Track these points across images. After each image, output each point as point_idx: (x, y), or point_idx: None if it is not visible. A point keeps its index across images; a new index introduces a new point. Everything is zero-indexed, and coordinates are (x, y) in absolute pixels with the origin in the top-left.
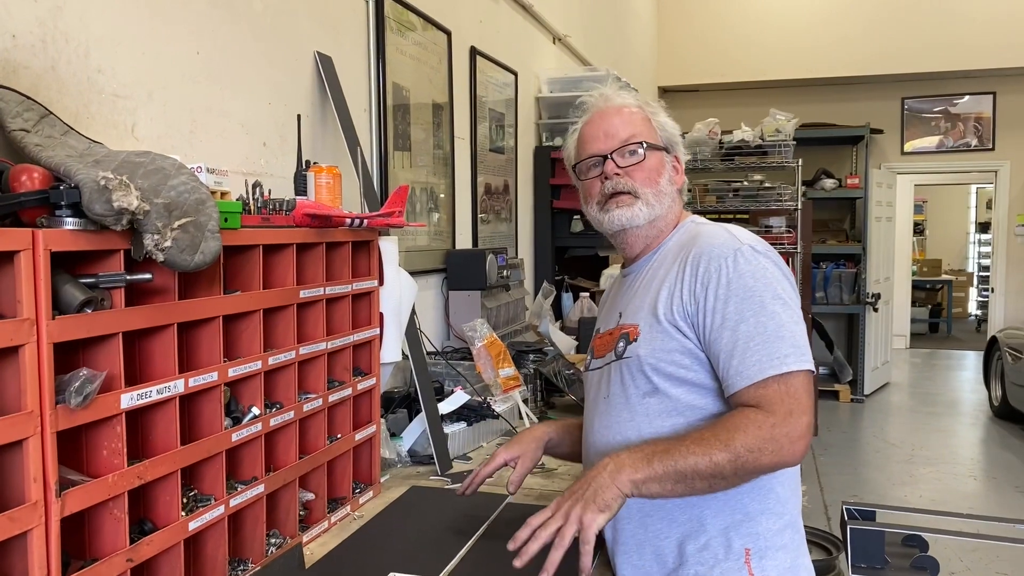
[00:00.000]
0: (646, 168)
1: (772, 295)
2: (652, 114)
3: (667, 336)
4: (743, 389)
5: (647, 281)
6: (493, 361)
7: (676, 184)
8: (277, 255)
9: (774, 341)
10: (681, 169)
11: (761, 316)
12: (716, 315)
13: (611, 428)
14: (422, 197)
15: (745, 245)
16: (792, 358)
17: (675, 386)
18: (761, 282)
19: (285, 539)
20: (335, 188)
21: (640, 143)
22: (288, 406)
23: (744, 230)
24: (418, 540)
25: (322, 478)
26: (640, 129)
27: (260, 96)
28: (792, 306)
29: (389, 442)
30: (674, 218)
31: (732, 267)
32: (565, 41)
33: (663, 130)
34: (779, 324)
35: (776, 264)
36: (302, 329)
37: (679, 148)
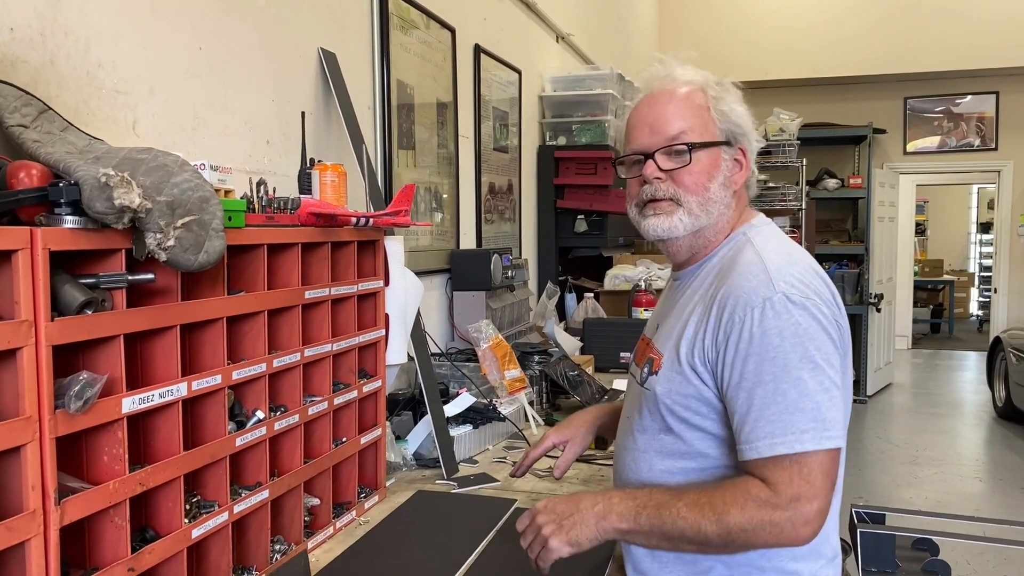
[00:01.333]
0: (693, 172)
1: (800, 356)
2: (715, 99)
3: (685, 380)
4: (751, 461)
5: (685, 300)
6: (499, 362)
7: (735, 185)
8: (282, 255)
9: (792, 412)
10: (747, 163)
11: (782, 382)
12: (734, 371)
13: (630, 450)
14: (426, 197)
15: (778, 294)
16: (810, 435)
17: (688, 430)
18: (789, 341)
19: (290, 546)
20: (340, 187)
21: (687, 144)
22: (293, 409)
23: (789, 263)
24: (425, 546)
25: (327, 483)
26: (693, 122)
27: (263, 93)
28: (825, 369)
29: (394, 445)
30: (727, 225)
31: (758, 320)
32: (568, 40)
33: (725, 119)
34: (802, 392)
35: (815, 316)
36: (307, 331)
37: (746, 138)
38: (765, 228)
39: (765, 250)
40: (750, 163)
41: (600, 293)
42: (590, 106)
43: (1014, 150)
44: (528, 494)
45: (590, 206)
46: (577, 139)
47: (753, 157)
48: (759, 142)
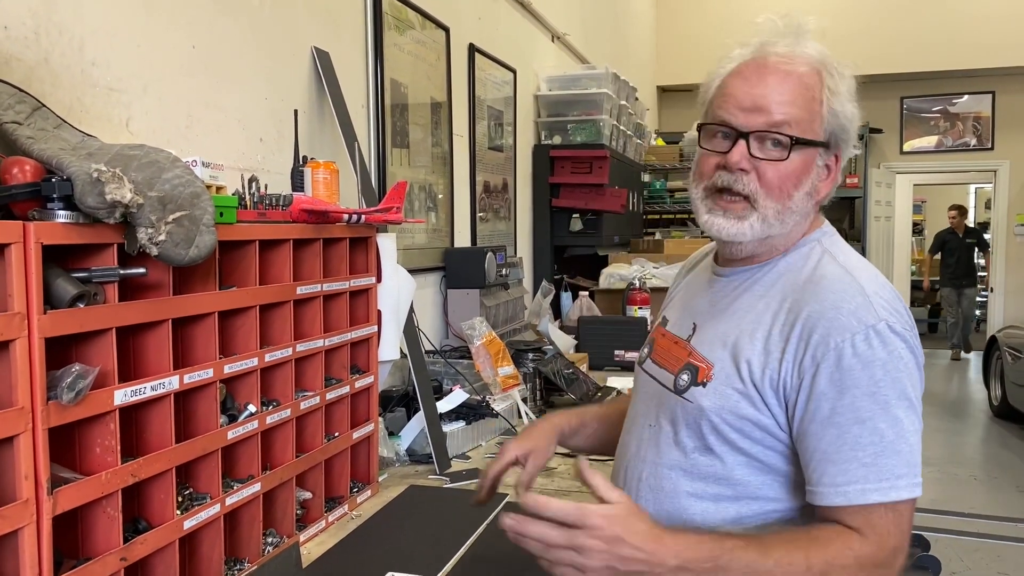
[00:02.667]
0: (783, 172)
1: (899, 394)
2: (831, 93)
3: (744, 400)
4: (836, 507)
5: (740, 306)
6: (492, 360)
7: (818, 195)
8: (274, 251)
9: (889, 456)
10: (836, 172)
11: (880, 420)
12: (823, 404)
13: (648, 463)
14: (420, 195)
15: (882, 322)
16: (905, 481)
17: (732, 454)
18: (892, 375)
19: (282, 538)
20: (332, 184)
21: (790, 137)
22: (285, 404)
23: (881, 285)
24: (417, 539)
25: (319, 477)
26: (801, 113)
27: (257, 91)
28: (918, 409)
29: (387, 441)
30: (800, 233)
31: (861, 350)
32: (564, 39)
33: (834, 119)
34: (899, 434)
35: (913, 350)
36: (299, 326)
37: (847, 143)
38: (838, 238)
39: (851, 265)
40: (839, 172)
41: (595, 291)
42: (585, 105)
43: (1010, 150)
44: None
45: (585, 205)
46: (572, 138)
47: (844, 165)
48: (856, 148)
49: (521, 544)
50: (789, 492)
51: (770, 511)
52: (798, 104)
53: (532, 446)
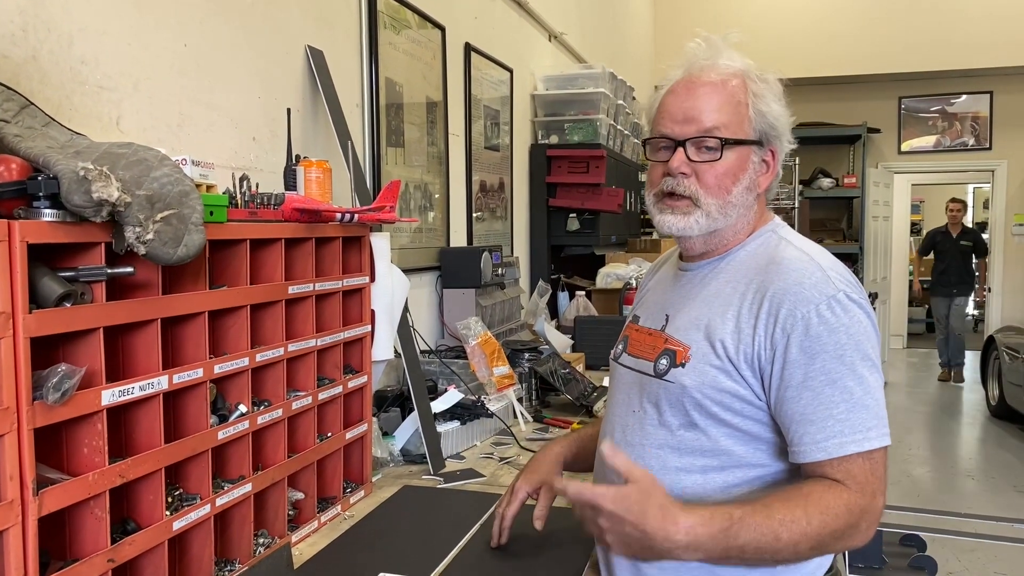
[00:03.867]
0: (718, 172)
1: (863, 355)
2: (755, 96)
3: (723, 375)
4: (819, 462)
5: (708, 292)
6: (487, 359)
7: (758, 188)
8: (265, 250)
9: (859, 410)
10: (774, 166)
11: (848, 379)
12: (796, 370)
13: (633, 446)
14: (416, 194)
15: (840, 291)
16: (875, 432)
17: (716, 426)
18: (855, 338)
19: (273, 539)
20: (325, 183)
21: (720, 139)
22: (276, 404)
23: (834, 262)
24: (410, 540)
25: (312, 477)
26: (729, 118)
27: (250, 90)
28: (878, 368)
29: (381, 441)
30: (747, 226)
31: (827, 317)
32: (561, 39)
33: (761, 118)
34: (865, 390)
35: (869, 315)
36: (291, 326)
37: (779, 139)
38: (789, 228)
39: (806, 248)
40: (777, 166)
41: (592, 291)
42: (582, 105)
43: (1008, 149)
44: None
45: (582, 204)
46: (569, 138)
47: (781, 159)
48: (791, 143)
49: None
50: (772, 457)
51: (756, 477)
52: (725, 110)
53: (541, 479)
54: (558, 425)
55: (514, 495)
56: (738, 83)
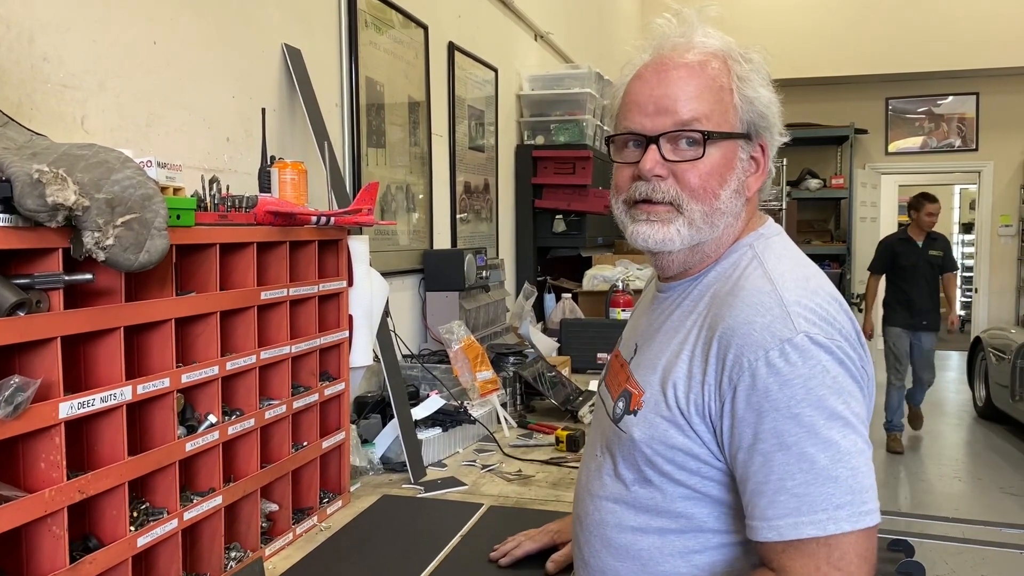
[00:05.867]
0: (703, 171)
1: (828, 413)
2: (741, 80)
3: (674, 428)
4: (769, 544)
5: (672, 322)
6: (470, 364)
7: (749, 191)
8: (236, 255)
9: (823, 483)
10: (765, 164)
11: (808, 444)
12: (745, 429)
13: (594, 497)
14: (398, 196)
15: (800, 334)
16: (846, 511)
17: (671, 485)
18: (815, 393)
19: (246, 552)
20: (300, 184)
21: (703, 133)
22: (249, 413)
23: (805, 291)
24: (388, 551)
25: (287, 488)
26: (711, 106)
27: (224, 89)
28: (857, 427)
29: (360, 449)
30: (732, 236)
31: (776, 368)
32: (547, 38)
33: (749, 107)
34: (834, 457)
35: (842, 361)
36: (264, 332)
37: (769, 131)
38: (776, 240)
39: (778, 271)
40: (768, 163)
41: (578, 293)
42: (568, 105)
43: (994, 151)
44: (496, 498)
45: (568, 206)
46: (555, 138)
47: (773, 155)
48: (783, 136)
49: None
50: (737, 522)
51: (721, 544)
52: (706, 98)
53: (558, 527)
54: (542, 431)
55: (544, 535)
56: (719, 64)
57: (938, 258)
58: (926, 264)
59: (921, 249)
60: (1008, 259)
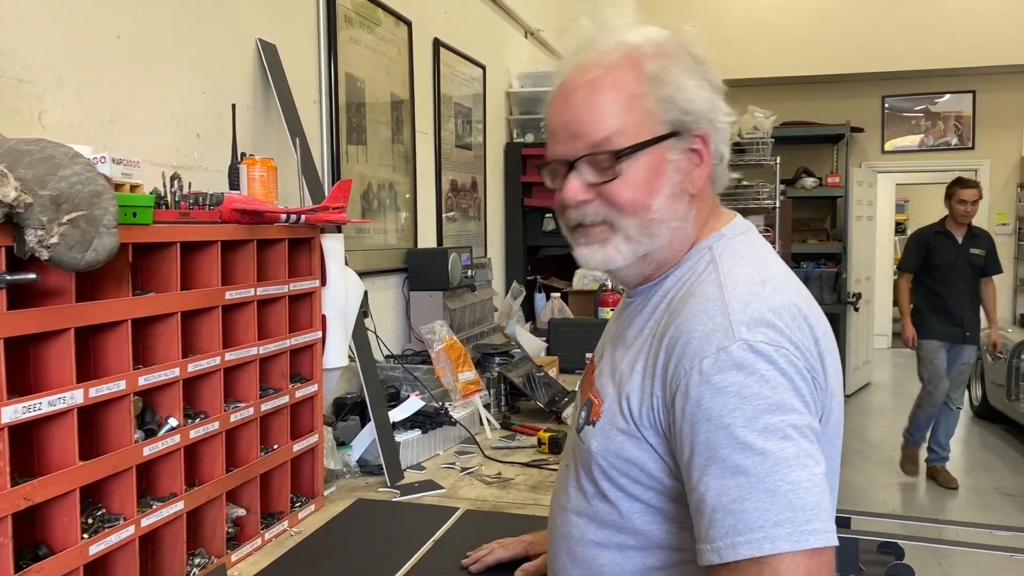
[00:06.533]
0: (627, 186)
1: (764, 424)
2: (655, 80)
3: (629, 441)
4: (713, 567)
5: (632, 329)
6: (453, 365)
7: (692, 188)
8: (200, 254)
9: (758, 498)
10: (709, 154)
11: (742, 457)
12: (684, 443)
13: (563, 509)
14: (381, 193)
15: (738, 341)
16: (785, 529)
17: (626, 500)
18: (751, 403)
19: (211, 559)
20: (269, 181)
21: (613, 152)
22: (213, 416)
23: (766, 295)
24: (359, 555)
25: (255, 492)
26: (623, 119)
27: (193, 84)
28: (797, 440)
29: (335, 452)
30: (687, 238)
31: (708, 375)
32: (538, 36)
33: (669, 106)
34: (771, 470)
35: (784, 370)
36: (230, 333)
37: (705, 119)
38: (740, 240)
39: (731, 276)
40: (713, 150)
41: (568, 293)
42: None
43: (991, 149)
44: (473, 501)
45: None
46: (545, 136)
47: (720, 142)
48: (728, 115)
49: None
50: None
51: (681, 561)
52: (615, 112)
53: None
54: (526, 432)
55: (518, 544)
56: (628, 69)
57: (979, 258)
58: (966, 264)
59: (961, 246)
60: (1005, 258)
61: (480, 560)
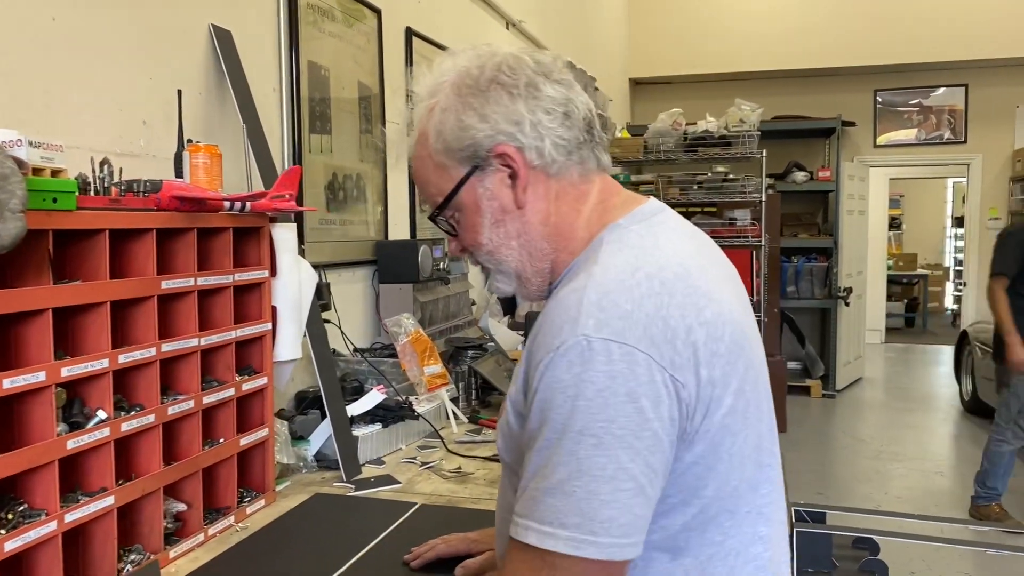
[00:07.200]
0: (462, 234)
1: (581, 426)
2: (436, 131)
3: (520, 434)
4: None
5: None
6: (418, 358)
7: (521, 204)
8: (134, 242)
9: (555, 496)
10: (523, 164)
11: (554, 454)
12: (529, 429)
13: (499, 507)
14: (347, 184)
15: (578, 337)
16: (568, 533)
17: None
18: (573, 404)
19: (148, 555)
20: (213, 169)
21: (433, 213)
22: (149, 408)
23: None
24: (304, 551)
25: (197, 487)
26: (430, 179)
27: (139, 70)
28: (613, 450)
29: (289, 446)
30: (573, 240)
31: (547, 372)
32: (520, 27)
33: (455, 147)
34: (573, 474)
35: (620, 371)
36: (171, 324)
37: (498, 137)
38: (634, 228)
39: (604, 266)
40: (530, 155)
41: None
42: None
43: (983, 143)
44: (428, 496)
45: None
46: None
47: (545, 136)
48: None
49: None
50: None
51: None
52: (423, 177)
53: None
54: (492, 426)
55: (462, 541)
56: (422, 133)
57: None
58: None
59: None
60: None
61: (421, 556)
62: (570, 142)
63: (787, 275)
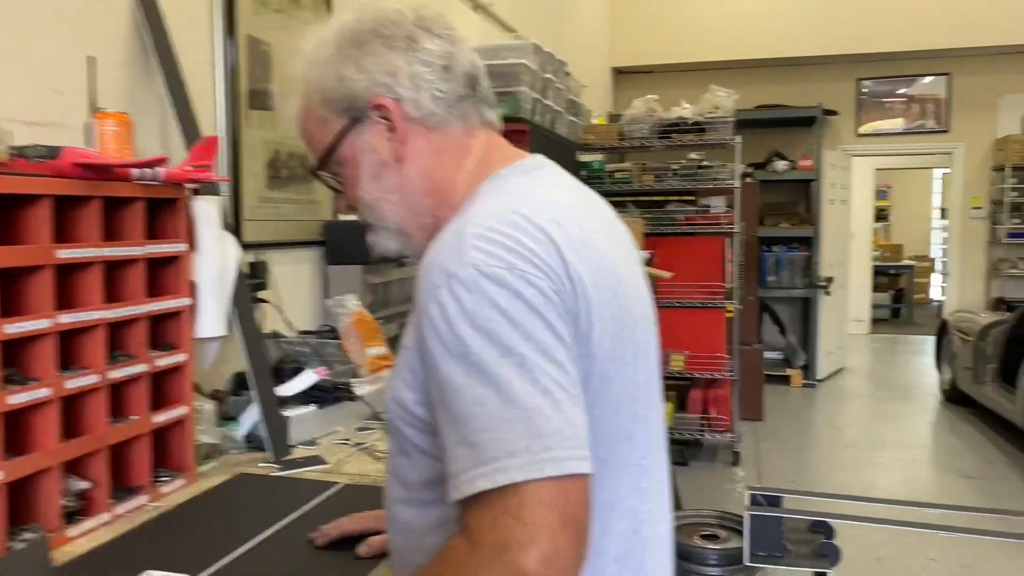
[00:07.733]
0: (346, 188)
1: (501, 350)
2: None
3: (407, 389)
4: (462, 504)
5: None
6: (360, 339)
7: (401, 158)
8: (27, 209)
9: (495, 428)
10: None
11: (478, 386)
12: (432, 380)
13: (386, 474)
14: (291, 162)
15: (468, 268)
16: (521, 458)
17: (417, 454)
18: (485, 328)
19: (43, 534)
20: (124, 136)
21: (317, 166)
22: (45, 381)
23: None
24: (212, 530)
25: (102, 465)
26: (311, 129)
27: (53, 38)
28: (539, 364)
29: (213, 426)
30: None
31: (443, 308)
32: (489, 10)
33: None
34: (507, 398)
35: (520, 292)
36: (72, 295)
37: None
38: (513, 179)
39: (481, 205)
40: (409, 107)
41: None
42: (505, 78)
43: (966, 132)
44: (354, 476)
45: None
46: None
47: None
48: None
49: None
50: None
51: None
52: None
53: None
54: None
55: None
56: (305, 83)
57: None
58: None
59: None
60: (979, 242)
61: (324, 533)
62: (449, 95)
63: (768, 264)
